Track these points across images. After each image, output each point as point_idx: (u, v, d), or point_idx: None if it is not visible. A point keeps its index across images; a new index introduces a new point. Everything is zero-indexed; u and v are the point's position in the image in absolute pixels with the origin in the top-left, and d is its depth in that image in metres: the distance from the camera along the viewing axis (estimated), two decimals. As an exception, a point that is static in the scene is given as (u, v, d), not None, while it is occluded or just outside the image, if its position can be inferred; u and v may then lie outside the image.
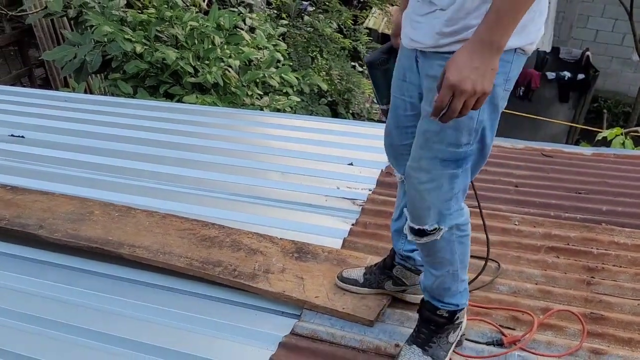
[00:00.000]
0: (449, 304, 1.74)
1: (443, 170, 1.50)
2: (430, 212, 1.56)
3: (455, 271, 1.68)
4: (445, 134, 1.45)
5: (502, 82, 1.41)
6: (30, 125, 3.62)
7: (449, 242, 1.62)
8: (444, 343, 1.75)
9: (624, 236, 2.33)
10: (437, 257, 1.66)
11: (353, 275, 2.03)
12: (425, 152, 1.50)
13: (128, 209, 2.55)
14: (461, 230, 1.63)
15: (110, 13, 5.21)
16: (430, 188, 1.52)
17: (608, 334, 1.84)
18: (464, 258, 1.70)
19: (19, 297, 2.13)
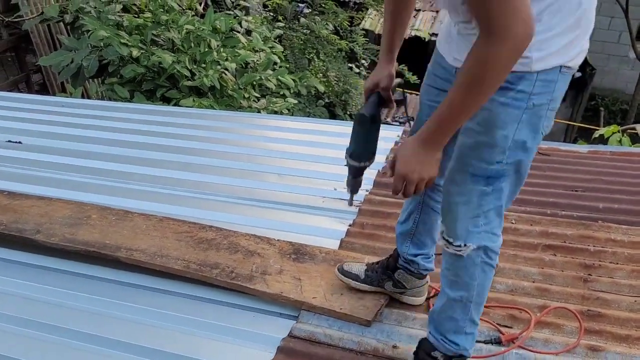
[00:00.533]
0: (449, 343, 1.66)
1: (473, 186, 1.47)
2: (457, 225, 1.53)
3: (468, 301, 1.62)
4: (479, 150, 1.43)
5: (546, 102, 1.39)
6: (28, 130, 3.62)
7: (473, 264, 1.57)
8: None
9: (620, 233, 2.33)
10: (457, 275, 1.61)
11: (354, 270, 2.03)
12: (458, 165, 1.49)
13: (125, 213, 2.55)
14: (488, 256, 1.57)
15: (107, 17, 5.22)
16: (459, 201, 1.51)
17: (605, 331, 1.84)
18: (482, 291, 1.63)
19: (17, 301, 2.12)
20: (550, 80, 1.36)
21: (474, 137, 1.43)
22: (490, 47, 1.21)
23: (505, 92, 1.35)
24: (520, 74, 1.33)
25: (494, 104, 1.36)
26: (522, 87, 1.35)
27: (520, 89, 1.35)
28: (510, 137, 1.40)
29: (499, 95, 1.34)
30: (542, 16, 1.28)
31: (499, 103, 1.36)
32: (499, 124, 1.39)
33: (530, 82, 1.34)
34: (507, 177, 1.47)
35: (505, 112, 1.37)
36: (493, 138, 1.40)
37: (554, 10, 1.28)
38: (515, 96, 1.35)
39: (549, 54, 1.32)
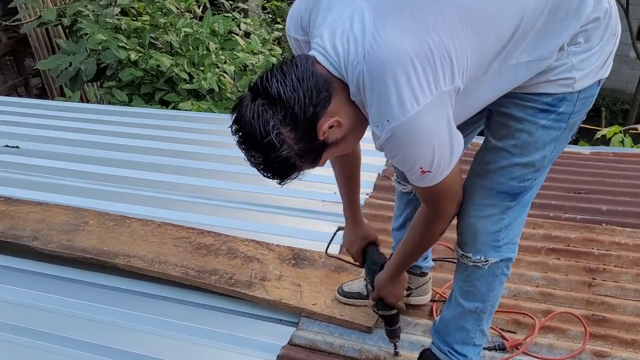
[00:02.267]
0: (456, 354, 1.64)
1: (498, 202, 1.43)
2: (477, 239, 1.49)
3: (482, 312, 1.59)
4: (512, 170, 1.39)
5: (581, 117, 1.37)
6: (25, 135, 3.60)
7: (493, 275, 1.54)
8: None
9: (625, 236, 2.30)
10: (474, 286, 1.57)
11: (355, 289, 1.99)
12: (483, 182, 1.43)
13: (123, 218, 2.52)
14: (508, 267, 1.55)
15: (105, 21, 5.20)
16: (479, 216, 1.46)
17: (611, 336, 1.81)
18: (495, 303, 1.61)
19: (14, 309, 2.10)
20: (590, 96, 1.34)
21: (509, 159, 1.38)
22: (435, 223, 1.46)
23: (546, 115, 1.32)
24: (562, 96, 1.30)
25: (534, 127, 1.33)
26: (564, 109, 1.31)
27: (562, 111, 1.32)
28: (547, 156, 1.38)
29: (540, 118, 1.32)
30: (578, 38, 1.25)
31: (540, 126, 1.33)
32: (538, 146, 1.35)
33: (571, 103, 1.31)
34: (533, 189, 1.45)
35: (546, 134, 1.34)
36: (531, 159, 1.37)
37: (590, 30, 1.25)
38: (556, 118, 1.32)
39: (590, 71, 1.29)
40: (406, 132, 1.17)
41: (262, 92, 1.18)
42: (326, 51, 1.20)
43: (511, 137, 1.36)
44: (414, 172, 1.25)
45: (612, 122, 9.36)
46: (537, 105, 1.31)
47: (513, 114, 1.34)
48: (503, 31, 1.20)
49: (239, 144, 1.22)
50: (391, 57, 1.13)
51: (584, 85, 1.29)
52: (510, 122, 1.35)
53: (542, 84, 1.28)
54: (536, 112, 1.32)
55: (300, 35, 1.36)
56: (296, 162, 1.23)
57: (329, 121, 1.20)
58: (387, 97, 1.14)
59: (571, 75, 1.27)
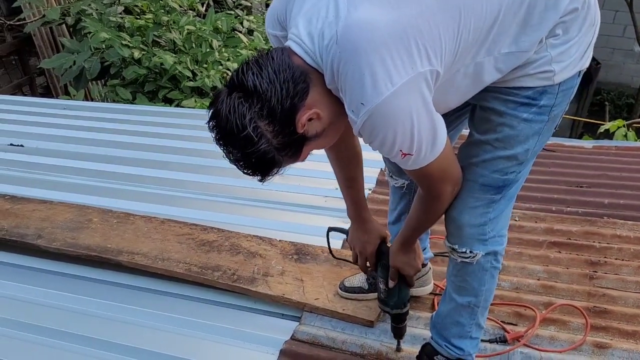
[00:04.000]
0: (454, 348, 1.65)
1: (482, 195, 1.43)
2: (463, 232, 1.49)
3: (475, 307, 1.60)
4: (495, 163, 1.39)
5: (563, 108, 1.37)
6: (30, 133, 3.63)
7: (482, 269, 1.54)
8: None
9: (626, 229, 2.31)
10: (465, 281, 1.57)
11: (356, 283, 2.00)
12: (466, 175, 1.43)
13: (126, 215, 2.54)
14: (497, 260, 1.55)
15: (108, 19, 5.21)
16: (464, 209, 1.46)
17: (612, 328, 1.82)
18: (489, 296, 1.61)
19: (19, 306, 2.12)
20: (570, 87, 1.34)
21: (492, 153, 1.38)
22: (431, 204, 1.45)
23: (528, 108, 1.32)
24: (542, 89, 1.30)
25: (515, 120, 1.33)
26: (545, 102, 1.31)
27: (543, 104, 1.32)
28: (531, 150, 1.38)
29: (522, 112, 1.32)
30: (556, 30, 1.24)
31: (522, 119, 1.33)
32: (521, 139, 1.35)
33: (552, 96, 1.31)
34: (518, 182, 1.45)
35: (528, 128, 1.34)
36: (514, 152, 1.37)
37: (568, 21, 1.24)
38: (537, 111, 1.32)
39: (569, 63, 1.29)
40: (381, 114, 1.14)
41: (238, 85, 1.16)
42: (301, 40, 1.19)
43: (493, 131, 1.36)
44: (395, 155, 1.23)
45: (617, 116, 9.31)
46: (517, 99, 1.31)
47: (495, 107, 1.34)
48: (481, 20, 1.19)
49: (217, 141, 1.22)
50: (363, 38, 1.10)
51: (564, 77, 1.29)
52: (492, 116, 1.36)
53: (522, 77, 1.29)
54: (517, 105, 1.32)
55: (279, 31, 1.36)
56: (275, 156, 1.21)
57: (308, 113, 1.19)
58: (361, 79, 1.12)
59: (551, 68, 1.27)
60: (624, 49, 11.66)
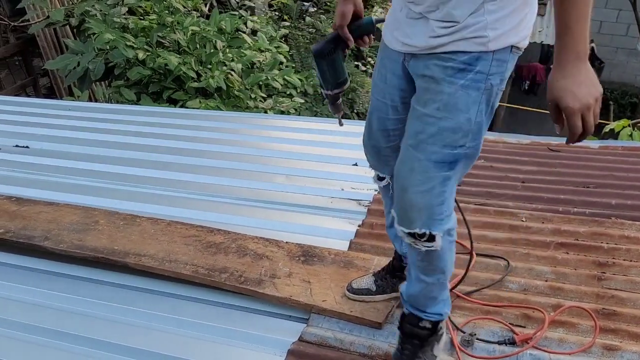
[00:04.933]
0: (432, 314, 1.68)
1: (436, 173, 1.44)
2: (421, 214, 1.48)
3: (444, 280, 1.64)
4: (442, 136, 1.41)
5: (498, 83, 1.41)
6: (35, 135, 3.63)
7: (444, 250, 1.56)
8: (429, 357, 1.71)
9: (634, 230, 2.29)
10: (432, 264, 1.59)
11: (364, 285, 1.99)
12: (418, 154, 1.45)
13: (133, 217, 2.54)
14: (451, 235, 1.57)
15: (112, 20, 5.22)
16: (421, 191, 1.46)
17: (621, 330, 1.81)
18: (452, 266, 1.66)
19: (25, 308, 2.12)
20: (503, 60, 1.38)
21: (436, 124, 1.41)
22: None
23: (464, 74, 1.37)
24: (478, 55, 1.35)
25: (453, 87, 1.38)
26: (480, 67, 1.36)
27: (479, 69, 1.36)
28: (473, 120, 1.41)
29: (459, 78, 1.37)
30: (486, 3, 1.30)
31: (460, 86, 1.37)
32: (462, 107, 1.39)
33: (487, 62, 1.36)
34: (467, 158, 1.47)
35: (466, 95, 1.38)
36: (457, 122, 1.40)
37: None
38: (474, 77, 1.37)
39: (502, 32, 1.34)
40: None
41: None
42: None
43: (433, 100, 1.40)
44: None
45: (620, 115, 9.31)
46: (454, 64, 1.36)
47: (434, 75, 1.39)
48: None
49: None
50: None
51: (497, 46, 1.34)
52: (432, 84, 1.40)
53: (459, 41, 1.34)
54: (455, 71, 1.36)
55: None
56: None
57: None
58: None
59: (485, 33, 1.32)
60: (627, 48, 11.64)
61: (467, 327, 1.86)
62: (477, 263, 2.15)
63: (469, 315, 1.92)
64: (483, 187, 2.69)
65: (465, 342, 1.80)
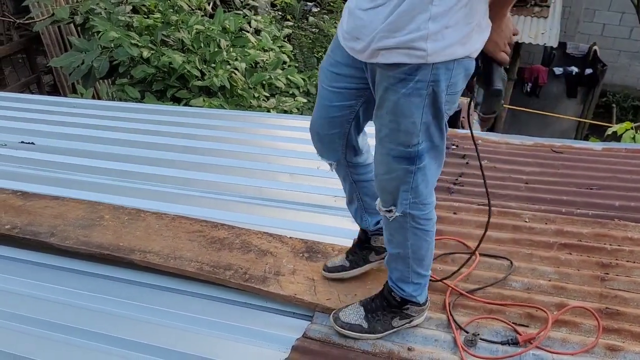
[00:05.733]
0: (399, 288, 1.83)
1: (397, 165, 1.60)
2: (388, 196, 1.68)
3: (406, 257, 1.77)
4: (395, 136, 1.56)
5: (444, 88, 1.49)
6: (40, 131, 3.64)
7: (402, 227, 1.72)
8: (385, 322, 1.85)
9: (637, 231, 2.30)
10: (391, 235, 1.78)
11: (338, 262, 2.09)
12: (380, 149, 1.62)
13: (137, 212, 2.56)
14: (417, 222, 1.70)
15: (117, 19, 5.23)
16: (387, 179, 1.65)
17: (624, 330, 1.82)
18: (417, 250, 1.76)
19: (31, 302, 2.14)
20: (447, 69, 1.46)
21: (388, 126, 1.56)
22: None
23: (405, 84, 1.47)
24: (417, 66, 1.44)
25: (396, 95, 1.49)
26: (420, 77, 1.45)
27: (418, 79, 1.46)
28: (418, 122, 1.52)
29: (400, 87, 1.48)
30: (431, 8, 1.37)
31: (402, 94, 1.48)
32: (406, 113, 1.51)
33: (427, 72, 1.45)
34: (427, 155, 1.59)
35: (409, 102, 1.49)
36: (404, 125, 1.52)
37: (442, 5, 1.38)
38: (415, 86, 1.47)
39: (444, 46, 1.42)
40: None
41: None
42: None
43: (383, 106, 1.54)
44: None
45: (623, 118, 9.32)
46: (395, 74, 1.47)
47: (381, 82, 1.52)
48: None
49: None
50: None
51: (438, 59, 1.43)
52: (380, 91, 1.54)
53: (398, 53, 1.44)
54: (396, 81, 1.48)
55: None
56: None
57: None
58: None
59: (425, 46, 1.41)
60: (630, 51, 11.64)
61: (470, 327, 1.87)
62: (480, 262, 2.16)
63: (473, 314, 1.93)
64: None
65: (468, 342, 1.81)
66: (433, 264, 2.13)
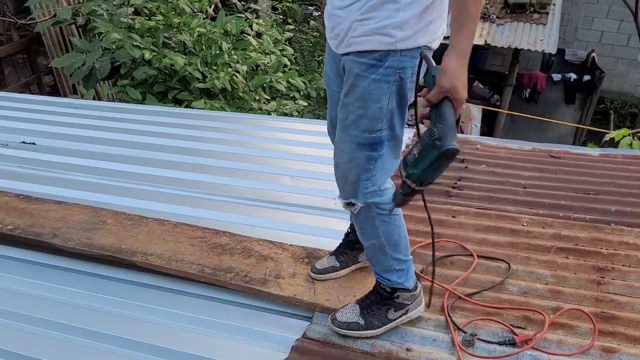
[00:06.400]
0: (384, 279, 1.88)
1: (360, 152, 1.66)
2: (348, 187, 1.73)
3: (381, 246, 1.82)
4: (360, 122, 1.63)
5: (409, 76, 1.58)
6: (41, 132, 3.66)
7: (368, 217, 1.77)
8: (381, 315, 1.89)
9: (633, 236, 2.33)
10: (362, 228, 1.83)
11: (327, 264, 2.14)
12: (345, 137, 1.68)
13: (140, 218, 2.57)
14: (381, 209, 1.75)
15: (119, 20, 5.26)
16: (350, 167, 1.69)
17: (619, 333, 1.85)
18: (390, 237, 1.81)
19: (34, 302, 2.16)
20: (413, 57, 1.56)
21: (355, 112, 1.62)
22: None
23: (375, 70, 1.56)
24: (387, 52, 1.54)
25: (366, 80, 1.57)
26: (389, 63, 1.54)
27: (388, 65, 1.55)
28: (385, 108, 1.60)
29: (370, 73, 1.56)
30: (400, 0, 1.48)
31: (372, 80, 1.57)
32: (374, 98, 1.58)
33: (396, 59, 1.54)
34: (387, 144, 1.66)
35: (378, 87, 1.57)
36: (371, 111, 1.60)
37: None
38: (384, 72, 1.55)
39: (410, 34, 1.51)
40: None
41: None
42: None
43: (352, 92, 1.61)
44: None
45: (620, 125, 9.36)
46: (367, 60, 1.56)
47: (352, 70, 1.60)
48: None
49: None
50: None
51: (405, 46, 1.52)
52: (350, 78, 1.61)
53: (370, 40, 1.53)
54: (367, 67, 1.56)
55: None
56: None
57: None
58: None
59: (394, 33, 1.50)
60: (628, 59, 11.69)
61: (468, 328, 1.90)
62: (478, 265, 2.19)
63: (470, 317, 1.96)
64: (485, 192, 2.72)
65: (466, 342, 1.83)
66: (430, 267, 2.16)
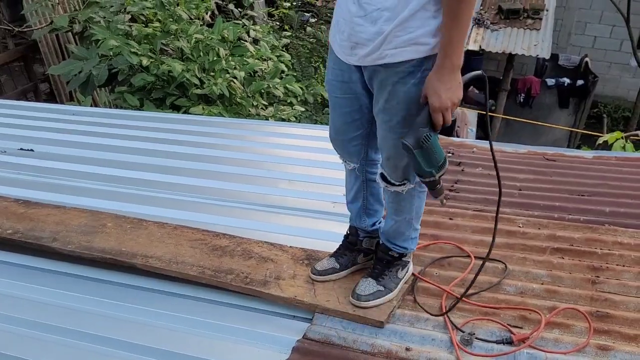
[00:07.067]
0: (400, 247, 2.06)
1: None
2: (399, 172, 1.87)
3: (410, 219, 2.01)
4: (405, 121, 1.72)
5: None
6: (39, 138, 3.67)
7: (411, 195, 1.94)
8: (394, 277, 2.07)
9: (627, 236, 2.37)
10: (400, 204, 1.97)
11: (327, 265, 2.18)
12: (392, 135, 1.77)
13: (140, 221, 2.59)
14: (420, 186, 1.92)
15: (116, 27, 5.28)
16: (400, 158, 1.80)
17: (614, 331, 1.88)
18: (419, 210, 2.03)
19: (34, 306, 2.17)
20: None
21: (399, 114, 1.72)
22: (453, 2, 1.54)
23: (414, 75, 1.65)
24: (423, 58, 1.63)
25: (406, 86, 1.67)
26: (426, 66, 1.64)
27: (425, 68, 1.64)
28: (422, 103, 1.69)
29: (410, 79, 1.66)
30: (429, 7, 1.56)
31: (411, 84, 1.67)
32: (415, 99, 1.68)
33: (432, 62, 1.62)
34: None
35: (419, 89, 1.66)
36: (414, 110, 1.69)
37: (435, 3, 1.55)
38: (422, 75, 1.65)
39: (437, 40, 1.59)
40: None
41: None
42: None
43: (393, 98, 1.70)
44: None
45: (614, 129, 9.42)
46: (404, 69, 1.65)
47: (388, 79, 1.68)
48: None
49: None
50: None
51: (436, 51, 1.60)
52: (388, 87, 1.69)
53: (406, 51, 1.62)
54: (405, 75, 1.65)
55: None
56: None
57: None
58: None
59: (429, 40, 1.60)
60: (621, 63, 11.79)
61: (466, 327, 1.93)
62: (475, 266, 2.22)
63: (468, 317, 1.98)
64: (481, 194, 2.76)
65: (464, 341, 1.86)
66: (428, 268, 2.24)
